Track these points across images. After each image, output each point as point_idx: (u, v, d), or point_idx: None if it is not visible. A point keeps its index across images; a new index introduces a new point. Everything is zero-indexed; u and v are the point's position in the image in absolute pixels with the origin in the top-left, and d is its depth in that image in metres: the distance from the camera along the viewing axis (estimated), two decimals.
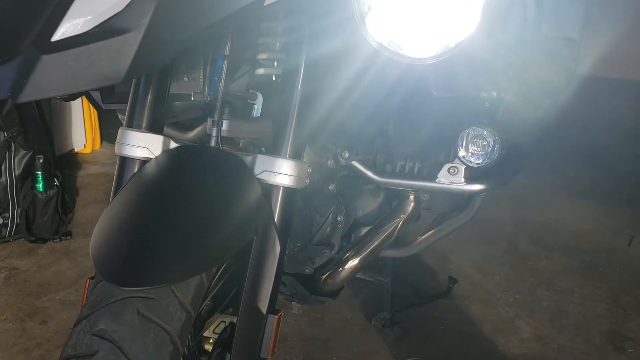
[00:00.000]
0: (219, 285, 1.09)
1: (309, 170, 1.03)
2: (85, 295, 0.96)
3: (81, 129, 3.44)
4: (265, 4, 0.80)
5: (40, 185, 2.46)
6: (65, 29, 0.64)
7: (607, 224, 2.85)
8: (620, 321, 2.10)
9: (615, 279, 2.36)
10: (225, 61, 1.10)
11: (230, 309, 1.13)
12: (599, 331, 2.03)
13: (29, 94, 0.62)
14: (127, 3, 0.64)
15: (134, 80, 1.03)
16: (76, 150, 3.47)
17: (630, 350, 1.94)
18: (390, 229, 1.46)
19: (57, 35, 0.63)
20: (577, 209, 3.00)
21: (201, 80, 1.21)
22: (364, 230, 1.50)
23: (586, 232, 2.76)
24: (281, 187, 1.00)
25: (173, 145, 1.02)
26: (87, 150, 3.50)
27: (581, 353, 1.93)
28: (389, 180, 1.33)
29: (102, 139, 3.60)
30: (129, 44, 0.64)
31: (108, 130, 3.58)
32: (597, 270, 2.43)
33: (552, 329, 2.04)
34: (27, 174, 2.46)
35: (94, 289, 0.84)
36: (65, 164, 3.14)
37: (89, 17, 0.64)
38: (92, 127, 3.48)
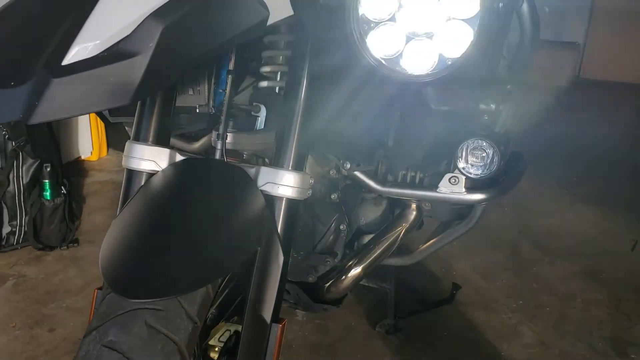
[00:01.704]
0: (224, 294, 1.12)
1: (312, 181, 1.05)
2: (93, 306, 0.99)
3: (88, 137, 3.47)
4: (268, 23, 0.83)
5: (47, 194, 2.49)
6: (75, 53, 0.66)
7: (610, 229, 2.85)
8: (623, 327, 2.10)
9: (618, 284, 2.37)
10: (230, 75, 1.12)
11: (235, 318, 1.16)
12: (601, 337, 2.04)
13: (40, 116, 0.64)
14: (134, 27, 0.67)
15: None
16: (83, 157, 3.50)
17: (633, 356, 1.95)
18: (393, 237, 1.47)
19: (68, 59, 0.66)
20: (580, 215, 3.01)
21: (206, 93, 1.24)
22: (367, 238, 1.52)
23: (589, 238, 2.76)
24: (284, 199, 1.02)
25: (179, 158, 1.04)
26: (94, 157, 3.53)
27: (584, 359, 1.94)
28: (391, 190, 1.35)
29: (108, 146, 3.63)
30: (137, 67, 0.66)
31: (114, 138, 3.61)
32: (600, 276, 2.43)
33: (554, 335, 2.05)
34: (35, 183, 2.49)
35: (102, 300, 0.87)
36: (72, 172, 3.17)
37: (98, 42, 0.66)
38: (98, 134, 3.51)
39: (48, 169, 2.47)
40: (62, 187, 2.56)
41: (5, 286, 2.25)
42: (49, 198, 2.49)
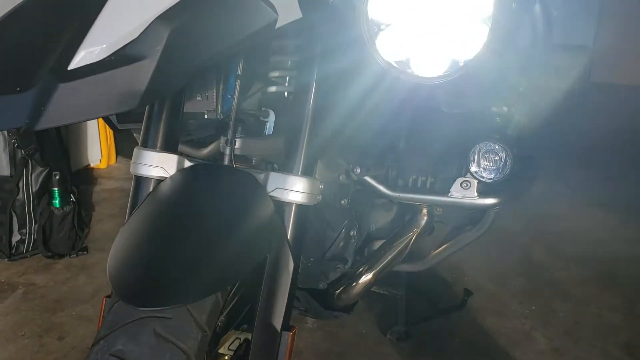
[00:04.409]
0: (234, 302, 1.10)
1: (321, 186, 1.04)
2: (102, 314, 0.98)
3: (97, 145, 3.48)
4: (276, 26, 0.82)
5: (56, 202, 2.49)
6: (82, 57, 0.65)
7: (624, 233, 2.82)
8: (638, 332, 2.07)
9: (633, 289, 2.34)
10: (238, 80, 1.11)
11: (245, 326, 1.14)
12: (616, 342, 2.01)
13: (46, 122, 0.63)
14: (141, 31, 0.66)
15: None
16: (92, 165, 3.51)
17: None
18: (404, 243, 1.45)
19: (74, 64, 0.65)
20: (592, 219, 2.98)
21: (214, 98, 1.23)
22: (378, 244, 1.50)
23: (602, 242, 2.73)
24: (294, 204, 1.01)
25: (187, 164, 1.03)
26: (103, 165, 3.54)
27: None
28: (402, 195, 1.34)
29: (117, 154, 3.64)
30: (144, 71, 0.65)
31: (123, 145, 3.62)
32: (614, 281, 2.40)
33: (568, 341, 2.02)
34: (44, 191, 2.49)
35: (111, 308, 0.85)
36: (81, 180, 3.18)
37: (105, 46, 0.65)
38: (107, 142, 3.52)
39: (57, 177, 2.47)
40: (72, 195, 2.56)
41: (14, 294, 2.25)
42: (58, 206, 2.49)
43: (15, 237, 2.49)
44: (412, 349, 1.95)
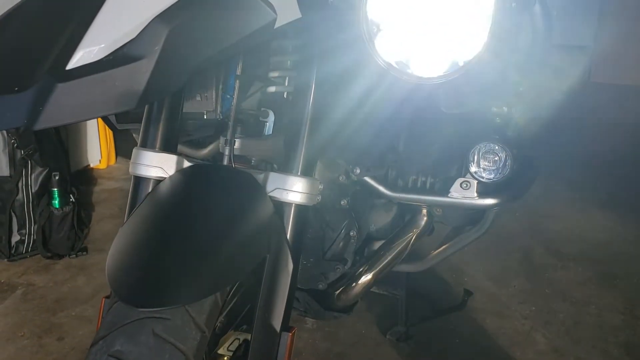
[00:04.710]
0: (233, 302, 1.10)
1: (321, 187, 1.04)
2: (101, 315, 0.97)
3: (96, 145, 3.48)
4: (275, 26, 0.81)
5: (56, 202, 2.48)
6: (80, 57, 0.65)
7: (623, 233, 2.82)
8: (637, 332, 2.07)
9: (632, 289, 2.34)
10: (237, 80, 1.11)
11: (244, 326, 1.14)
12: (616, 343, 2.01)
13: (44, 122, 0.63)
14: (139, 31, 0.66)
15: None
16: (92, 165, 3.50)
17: None
18: (404, 244, 1.45)
19: (72, 64, 0.65)
20: (592, 219, 2.98)
21: (214, 98, 1.22)
22: (377, 244, 1.50)
23: (602, 242, 2.73)
24: (293, 205, 1.00)
25: (186, 164, 1.03)
26: (103, 165, 3.54)
27: None
28: (402, 195, 1.34)
29: (117, 154, 3.64)
30: (142, 71, 0.65)
31: (123, 146, 3.62)
32: (614, 281, 2.40)
33: (568, 341, 2.02)
34: (44, 191, 2.49)
35: (109, 309, 0.85)
36: (80, 180, 3.18)
37: (103, 45, 0.65)
38: (107, 142, 3.52)
39: (57, 178, 2.47)
40: (71, 196, 2.56)
41: (14, 295, 2.25)
42: (57, 206, 2.48)
43: (15, 238, 2.49)
44: (411, 349, 1.95)
